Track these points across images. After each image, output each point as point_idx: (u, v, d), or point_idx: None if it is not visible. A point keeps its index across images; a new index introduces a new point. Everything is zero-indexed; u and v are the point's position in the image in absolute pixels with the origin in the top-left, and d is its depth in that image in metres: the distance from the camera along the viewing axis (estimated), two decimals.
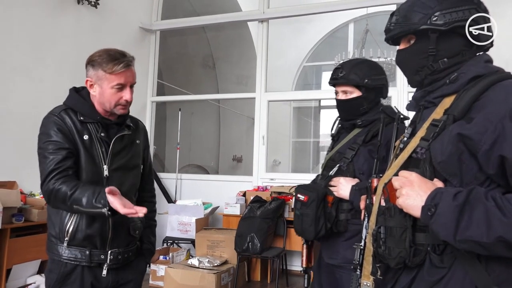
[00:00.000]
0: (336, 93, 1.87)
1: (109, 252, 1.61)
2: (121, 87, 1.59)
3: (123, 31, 5.03)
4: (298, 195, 1.79)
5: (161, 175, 5.31)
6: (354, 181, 1.74)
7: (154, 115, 5.53)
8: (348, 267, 1.75)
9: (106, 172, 1.61)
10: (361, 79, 1.77)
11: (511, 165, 0.90)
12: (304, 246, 1.91)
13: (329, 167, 1.85)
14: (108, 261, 1.61)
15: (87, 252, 1.57)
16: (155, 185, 5.12)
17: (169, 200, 5.02)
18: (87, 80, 1.61)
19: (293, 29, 7.45)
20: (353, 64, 1.83)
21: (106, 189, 1.40)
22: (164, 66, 6.89)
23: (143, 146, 1.83)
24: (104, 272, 1.61)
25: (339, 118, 1.94)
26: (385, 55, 7.03)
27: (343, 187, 1.74)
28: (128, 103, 1.64)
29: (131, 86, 1.64)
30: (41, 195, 3.25)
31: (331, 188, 1.78)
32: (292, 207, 1.88)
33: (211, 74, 8.07)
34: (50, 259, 1.63)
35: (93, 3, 4.45)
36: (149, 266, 1.80)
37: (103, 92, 1.59)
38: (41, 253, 3.30)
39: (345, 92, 1.83)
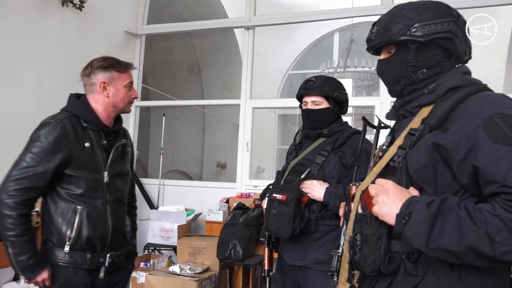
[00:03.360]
0: (304, 103, 2.00)
1: (108, 255, 1.67)
2: (130, 85, 1.74)
3: (108, 34, 4.98)
4: (274, 195, 1.87)
5: (144, 180, 5.26)
6: (326, 184, 1.85)
7: (138, 120, 5.49)
8: (317, 268, 1.80)
9: (106, 179, 1.66)
10: (331, 91, 1.94)
11: (483, 175, 0.91)
12: (266, 249, 2.00)
13: (298, 172, 1.96)
14: (106, 264, 1.67)
15: (88, 256, 1.62)
16: (137, 190, 5.08)
17: (151, 206, 4.96)
18: (101, 83, 1.67)
19: (279, 37, 7.50)
20: (324, 78, 2.01)
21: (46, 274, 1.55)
22: (149, 71, 6.85)
23: (131, 153, 1.91)
24: (102, 274, 1.67)
25: (303, 128, 2.09)
26: (369, 64, 7.13)
27: (316, 189, 1.84)
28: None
29: None
30: None
31: (303, 190, 1.87)
32: (265, 207, 1.93)
33: (197, 80, 8.06)
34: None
35: (78, 5, 4.40)
36: (134, 267, 1.88)
37: (117, 92, 1.70)
38: None
39: (314, 103, 1.97)
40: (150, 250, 4.53)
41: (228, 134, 7.90)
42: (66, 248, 1.58)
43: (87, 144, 1.63)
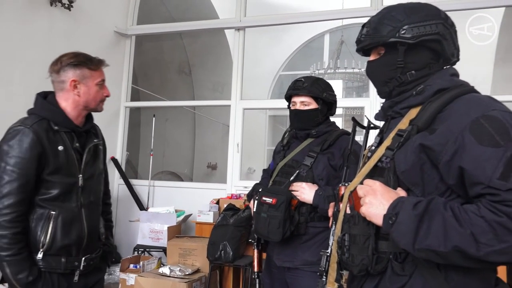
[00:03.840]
0: (293, 104, 1.99)
1: (83, 259, 1.64)
2: (102, 83, 1.67)
3: (97, 34, 4.95)
4: (264, 198, 1.86)
5: (134, 181, 5.22)
6: (315, 186, 1.85)
7: (128, 121, 5.45)
8: (307, 269, 1.81)
9: (81, 182, 1.62)
10: (320, 92, 1.94)
11: (469, 176, 0.92)
12: (255, 251, 1.99)
13: (286, 173, 1.95)
14: (81, 267, 1.63)
15: (63, 260, 1.58)
16: (127, 192, 5.05)
17: (141, 207, 4.93)
18: (71, 81, 1.60)
19: (270, 38, 7.51)
20: (313, 79, 2.00)
21: None
22: (139, 72, 6.82)
23: (103, 150, 1.85)
24: (76, 278, 1.63)
25: (291, 129, 2.08)
26: (359, 66, 7.17)
27: (306, 191, 1.84)
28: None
29: None
30: None
31: (293, 192, 1.86)
32: (254, 210, 1.92)
33: (187, 81, 8.03)
34: None
35: (66, 5, 4.36)
36: (109, 267, 1.86)
37: (89, 90, 1.63)
38: None
39: (303, 103, 1.96)
40: (139, 252, 4.50)
41: (219, 135, 7.89)
42: (40, 255, 1.54)
43: (60, 148, 1.57)
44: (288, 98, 2.05)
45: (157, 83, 7.41)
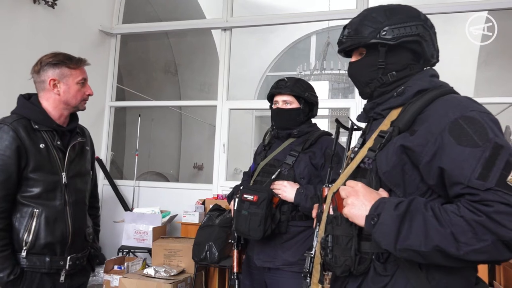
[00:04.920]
0: (275, 103, 2.01)
1: (68, 258, 1.63)
2: (83, 82, 1.67)
3: (81, 33, 4.88)
4: (245, 195, 1.85)
5: (119, 182, 5.17)
6: (296, 185, 1.85)
7: (113, 121, 5.39)
8: (287, 269, 1.81)
9: (64, 179, 1.62)
10: (302, 91, 1.96)
11: (449, 176, 0.93)
12: (235, 251, 1.97)
13: (268, 173, 1.96)
14: (67, 267, 1.62)
15: (47, 259, 1.57)
16: (112, 192, 5.00)
17: (126, 208, 4.89)
18: (50, 80, 1.61)
19: (257, 39, 7.52)
20: (295, 79, 2.02)
21: None
22: (125, 71, 6.75)
23: (91, 152, 1.86)
24: (62, 278, 1.63)
25: (272, 129, 2.09)
26: (345, 67, 7.21)
27: (287, 189, 1.84)
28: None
29: None
30: None
31: (274, 190, 1.86)
32: (235, 208, 1.91)
33: (173, 80, 7.98)
34: None
35: (50, 3, 4.29)
36: (93, 271, 1.85)
37: (69, 89, 1.63)
38: None
39: (285, 102, 1.97)
40: (124, 253, 4.46)
41: (205, 135, 7.86)
42: (23, 253, 1.53)
43: (41, 145, 1.58)
44: (270, 98, 2.05)
45: (142, 82, 7.35)
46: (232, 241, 2.01)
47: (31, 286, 1.55)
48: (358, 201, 1.00)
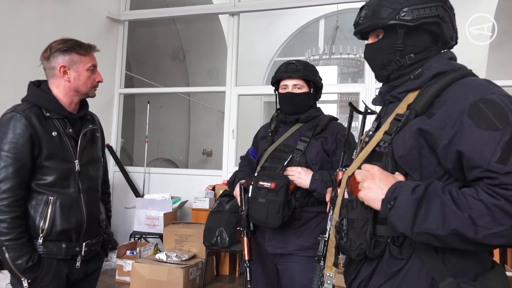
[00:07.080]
0: (284, 87, 1.96)
1: (83, 244, 1.65)
2: (93, 69, 1.66)
3: (89, 21, 4.87)
4: (261, 182, 1.81)
5: (129, 168, 5.21)
6: (310, 171, 1.82)
7: (122, 108, 5.40)
8: (300, 254, 1.79)
9: (77, 167, 1.63)
10: (313, 75, 1.94)
11: (467, 160, 0.92)
12: (245, 238, 1.90)
13: (278, 159, 1.91)
14: (82, 253, 1.65)
15: (63, 246, 1.59)
16: (123, 179, 5.04)
17: (137, 194, 4.93)
18: (61, 67, 1.61)
19: (265, 24, 7.44)
20: (305, 63, 1.98)
21: None
22: (133, 58, 6.74)
23: (101, 139, 1.87)
24: (78, 263, 1.65)
25: (278, 113, 2.05)
26: (354, 51, 7.15)
27: (302, 176, 1.80)
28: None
29: None
30: None
31: (289, 177, 1.82)
32: (250, 196, 1.86)
33: (181, 67, 7.96)
34: None
35: None
36: (107, 256, 1.87)
37: (79, 76, 1.63)
38: None
39: (296, 86, 1.94)
40: (136, 238, 4.52)
41: (214, 121, 7.86)
42: (40, 240, 1.55)
43: (54, 133, 1.58)
44: (276, 81, 2.00)
45: (151, 69, 7.34)
46: (242, 229, 1.94)
47: (48, 272, 1.57)
48: (374, 185, 0.99)
